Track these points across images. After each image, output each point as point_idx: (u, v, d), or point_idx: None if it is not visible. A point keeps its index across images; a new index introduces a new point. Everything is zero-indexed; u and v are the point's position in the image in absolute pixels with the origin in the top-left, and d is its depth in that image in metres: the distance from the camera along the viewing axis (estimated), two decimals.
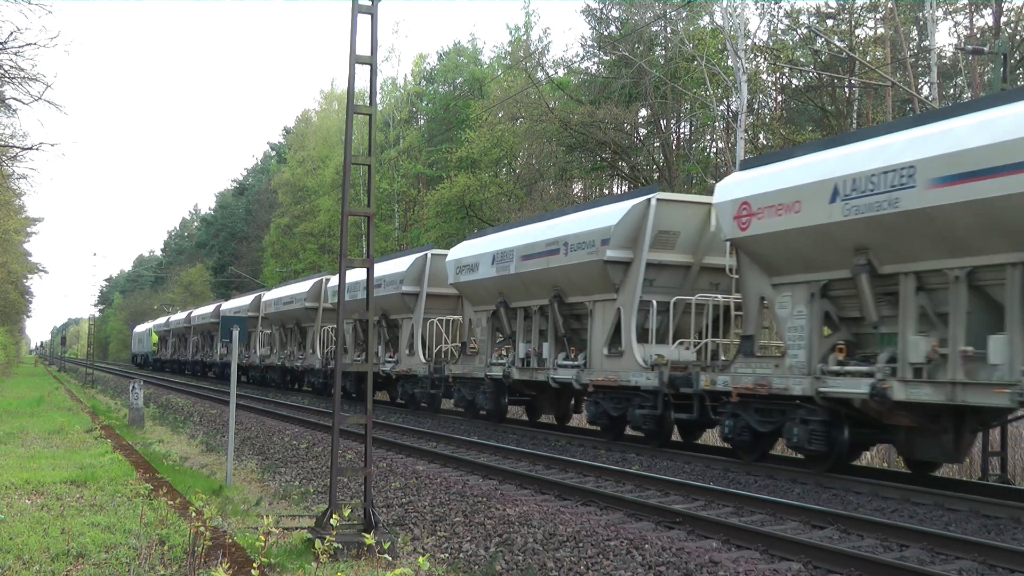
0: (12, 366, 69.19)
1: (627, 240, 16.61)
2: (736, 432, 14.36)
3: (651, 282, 16.65)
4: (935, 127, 11.54)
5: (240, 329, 12.83)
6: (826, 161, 12.80)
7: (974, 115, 11.21)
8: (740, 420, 14.25)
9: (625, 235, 16.58)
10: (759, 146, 36.90)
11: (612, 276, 16.86)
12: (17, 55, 20.55)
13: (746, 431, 14.23)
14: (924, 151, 11.32)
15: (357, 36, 8.67)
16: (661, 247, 16.67)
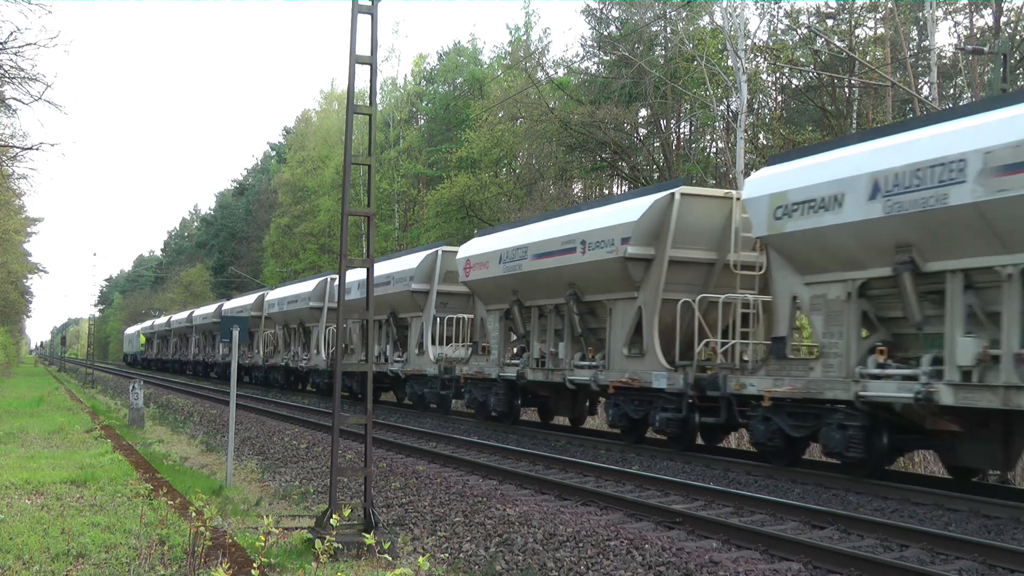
0: (12, 366, 69.20)
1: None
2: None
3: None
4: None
5: (240, 329, 12.83)
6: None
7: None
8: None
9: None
10: (759, 146, 36.92)
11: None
12: (17, 55, 20.59)
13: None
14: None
15: (357, 36, 8.67)
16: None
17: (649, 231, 16.16)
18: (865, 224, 12.09)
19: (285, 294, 38.70)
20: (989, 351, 10.80)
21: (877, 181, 11.90)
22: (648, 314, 16.27)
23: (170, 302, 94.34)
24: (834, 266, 12.89)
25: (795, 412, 13.57)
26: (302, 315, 35.71)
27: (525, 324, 20.16)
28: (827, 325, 12.99)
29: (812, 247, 13.09)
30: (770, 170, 14.46)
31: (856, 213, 12.20)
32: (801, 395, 13.20)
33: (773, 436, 13.89)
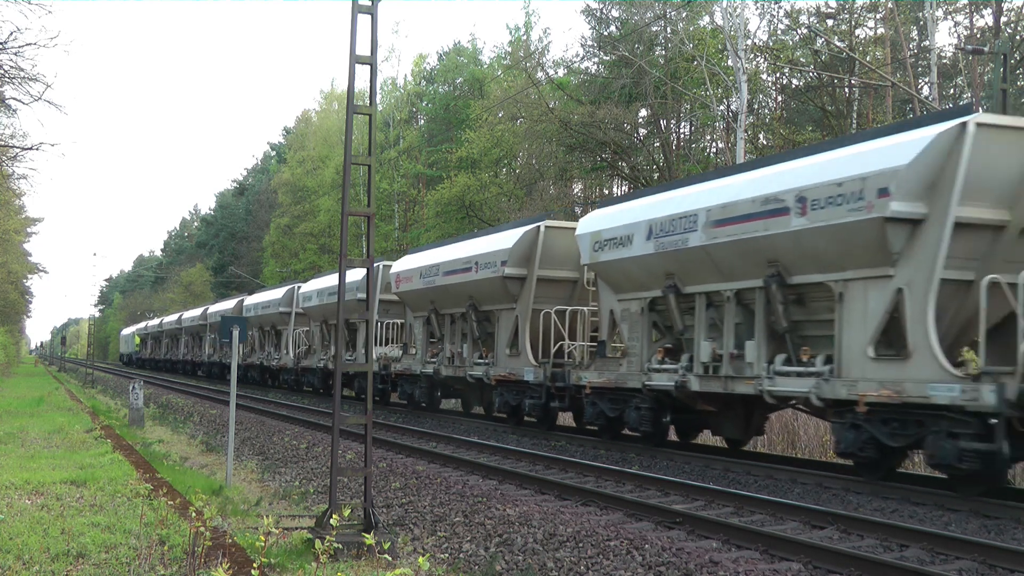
0: (12, 366, 69.21)
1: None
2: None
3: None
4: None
5: (240, 329, 12.83)
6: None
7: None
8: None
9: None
10: (759, 146, 36.93)
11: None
12: (17, 55, 20.60)
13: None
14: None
15: (357, 36, 8.67)
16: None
17: (522, 255, 19.81)
18: (644, 258, 15.74)
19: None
20: (718, 351, 14.39)
21: (651, 226, 15.59)
22: (523, 321, 19.84)
23: (170, 302, 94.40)
24: (632, 287, 16.54)
25: (612, 398, 17.08)
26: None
27: (440, 328, 23.70)
28: (630, 332, 16.70)
29: (618, 273, 16.73)
30: (594, 214, 18.21)
31: (639, 250, 15.85)
32: (613, 385, 16.82)
33: (598, 416, 17.54)
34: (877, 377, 11.85)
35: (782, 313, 13.30)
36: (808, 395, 12.72)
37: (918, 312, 11.45)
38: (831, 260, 12.43)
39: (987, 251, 11.62)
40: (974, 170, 11.18)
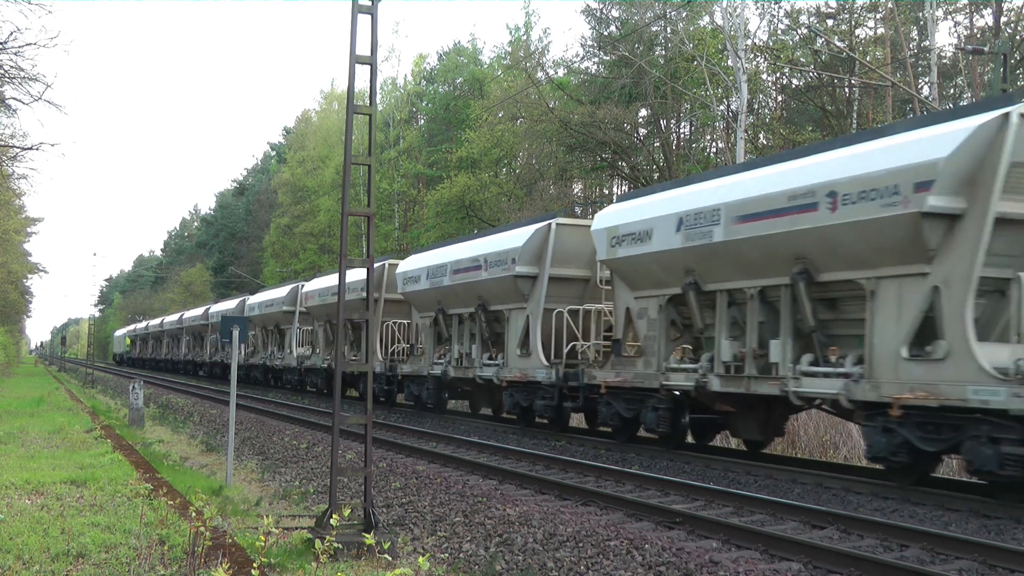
0: (12, 366, 69.19)
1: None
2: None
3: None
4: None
5: (240, 329, 12.84)
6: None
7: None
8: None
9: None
10: (759, 146, 36.93)
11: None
12: (17, 55, 20.61)
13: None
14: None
15: (357, 36, 8.67)
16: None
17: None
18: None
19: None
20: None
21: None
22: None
23: (170, 302, 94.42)
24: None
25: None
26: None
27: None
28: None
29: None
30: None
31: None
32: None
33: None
34: (519, 366, 16.32)
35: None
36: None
37: (534, 329, 16.06)
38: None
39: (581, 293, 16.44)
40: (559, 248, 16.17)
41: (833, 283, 12.64)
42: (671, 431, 15.91)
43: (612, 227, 16.61)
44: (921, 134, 11.53)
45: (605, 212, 17.79)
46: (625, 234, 16.23)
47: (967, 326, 10.72)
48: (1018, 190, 10.71)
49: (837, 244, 12.22)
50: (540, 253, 19.29)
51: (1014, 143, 10.52)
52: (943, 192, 10.82)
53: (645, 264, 15.84)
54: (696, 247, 14.46)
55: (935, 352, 11.08)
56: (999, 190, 10.57)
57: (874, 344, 11.91)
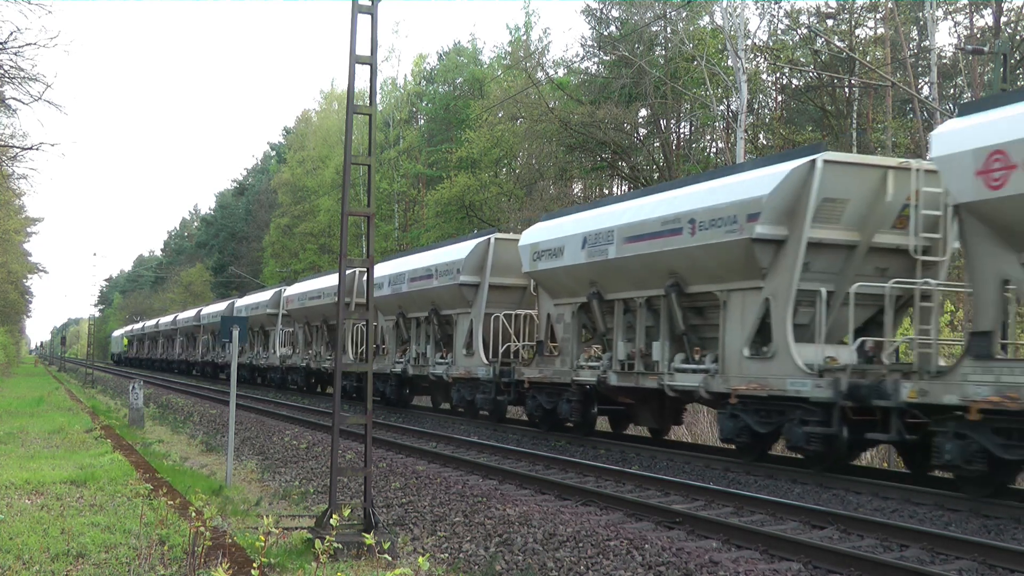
0: (12, 366, 69.22)
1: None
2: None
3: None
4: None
5: (240, 329, 12.85)
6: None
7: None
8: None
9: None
10: (759, 146, 36.93)
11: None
12: (17, 55, 20.59)
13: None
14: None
15: (357, 36, 8.68)
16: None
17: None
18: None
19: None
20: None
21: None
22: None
23: (170, 302, 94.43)
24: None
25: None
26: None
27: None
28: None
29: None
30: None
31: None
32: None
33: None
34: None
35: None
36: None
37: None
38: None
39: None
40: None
41: (698, 294, 15.23)
42: (583, 420, 18.50)
43: (534, 243, 19.18)
44: (754, 174, 14.15)
45: (529, 230, 20.21)
46: (544, 250, 18.77)
47: (787, 331, 13.22)
48: (825, 220, 13.31)
49: (697, 262, 14.81)
50: (481, 264, 21.56)
51: (820, 183, 13.04)
52: (768, 222, 13.38)
53: (559, 276, 18.40)
54: (597, 262, 17.02)
55: (768, 352, 13.64)
56: (810, 220, 13.13)
57: (725, 345, 14.53)
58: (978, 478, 11.13)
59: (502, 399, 20.95)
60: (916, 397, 11.39)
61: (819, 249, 13.39)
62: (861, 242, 13.59)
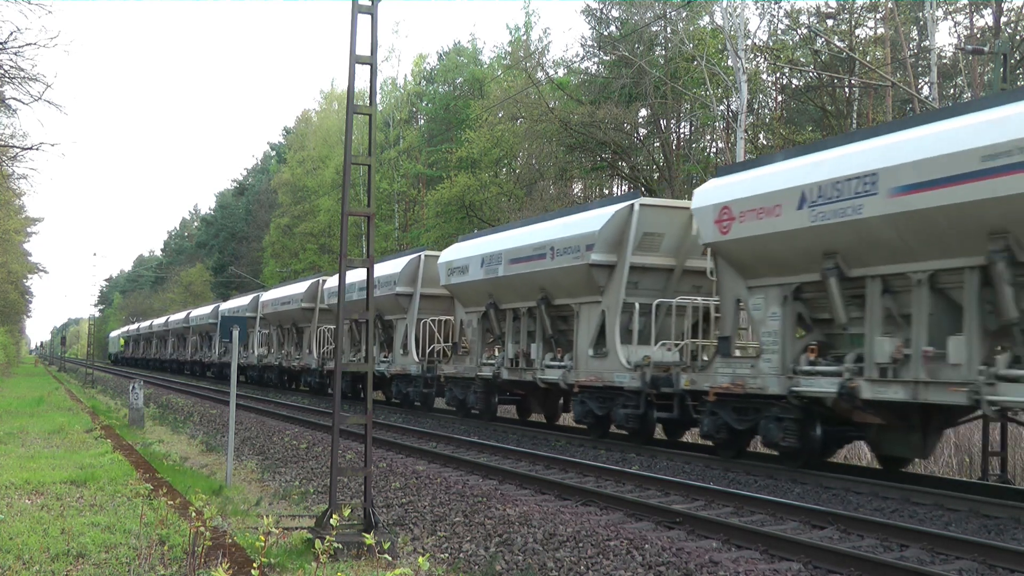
0: (12, 366, 69.22)
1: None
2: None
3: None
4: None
5: (240, 329, 12.84)
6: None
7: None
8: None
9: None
10: (759, 146, 36.92)
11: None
12: (17, 55, 20.58)
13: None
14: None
15: (357, 36, 8.67)
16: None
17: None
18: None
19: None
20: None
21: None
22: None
23: (170, 302, 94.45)
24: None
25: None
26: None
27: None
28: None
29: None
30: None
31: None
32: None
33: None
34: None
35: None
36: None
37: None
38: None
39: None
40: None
41: (561, 306, 18.96)
42: (486, 407, 22.11)
43: (449, 261, 22.85)
44: (592, 213, 18.05)
45: (446, 251, 23.91)
46: (455, 267, 22.36)
47: (615, 335, 17.10)
48: (646, 249, 17.23)
49: (557, 281, 18.50)
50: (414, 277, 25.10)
51: (638, 220, 16.94)
52: (601, 251, 17.17)
53: (466, 289, 21.89)
54: (491, 279, 20.63)
55: (603, 352, 17.42)
56: (631, 249, 16.95)
57: (577, 346, 18.35)
58: (725, 444, 14.99)
59: (428, 391, 25.06)
60: (688, 385, 15.36)
61: (643, 272, 17.22)
62: (677, 266, 17.50)
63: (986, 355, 10.89)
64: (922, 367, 11.36)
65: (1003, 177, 10.03)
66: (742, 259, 14.14)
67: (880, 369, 11.91)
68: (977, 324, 10.92)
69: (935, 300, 11.51)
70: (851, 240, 12.09)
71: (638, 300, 17.03)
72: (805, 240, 12.70)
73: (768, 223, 13.21)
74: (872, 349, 12.03)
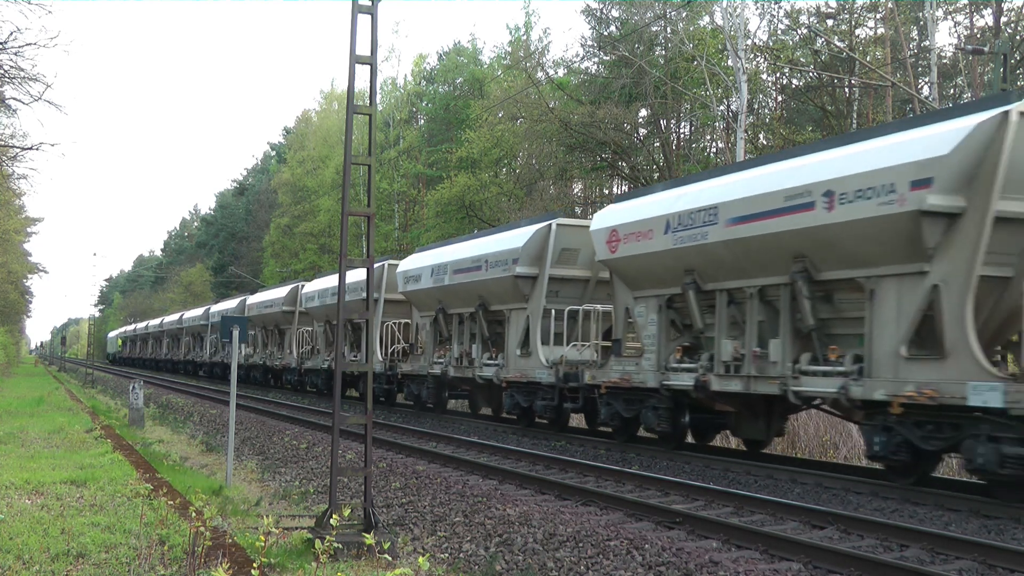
0: (12, 366, 69.22)
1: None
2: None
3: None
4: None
5: (240, 329, 12.84)
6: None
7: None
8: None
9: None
10: (759, 146, 36.92)
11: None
12: (17, 55, 20.59)
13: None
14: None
15: (357, 36, 8.67)
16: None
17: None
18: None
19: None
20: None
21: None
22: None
23: (170, 302, 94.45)
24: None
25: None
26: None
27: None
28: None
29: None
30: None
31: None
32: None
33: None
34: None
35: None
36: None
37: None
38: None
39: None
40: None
41: (495, 311, 21.04)
42: (437, 402, 24.87)
43: (405, 271, 25.19)
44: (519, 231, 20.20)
45: (404, 261, 26.11)
46: (411, 276, 24.77)
47: (537, 337, 19.29)
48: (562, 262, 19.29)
49: (491, 289, 20.65)
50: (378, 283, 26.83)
51: (556, 237, 19.16)
52: (524, 264, 19.40)
53: (420, 295, 24.32)
54: (439, 287, 23.01)
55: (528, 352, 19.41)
56: (551, 262, 19.17)
57: (508, 346, 20.52)
58: (618, 430, 17.46)
59: (390, 388, 27.86)
60: (590, 380, 17.28)
61: (562, 282, 19.47)
62: (592, 277, 19.51)
63: (796, 354, 13.11)
64: (752, 364, 13.65)
65: (799, 213, 12.53)
66: (628, 274, 16.55)
67: (725, 366, 14.23)
68: (789, 329, 13.21)
69: (764, 310, 13.82)
70: (702, 260, 14.56)
71: (556, 307, 19.33)
72: (670, 259, 15.17)
73: (644, 244, 15.71)
74: (720, 349, 14.31)
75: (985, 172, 10.65)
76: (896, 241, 11.35)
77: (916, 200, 10.89)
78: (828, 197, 11.98)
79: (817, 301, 12.79)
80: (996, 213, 10.62)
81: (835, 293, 12.66)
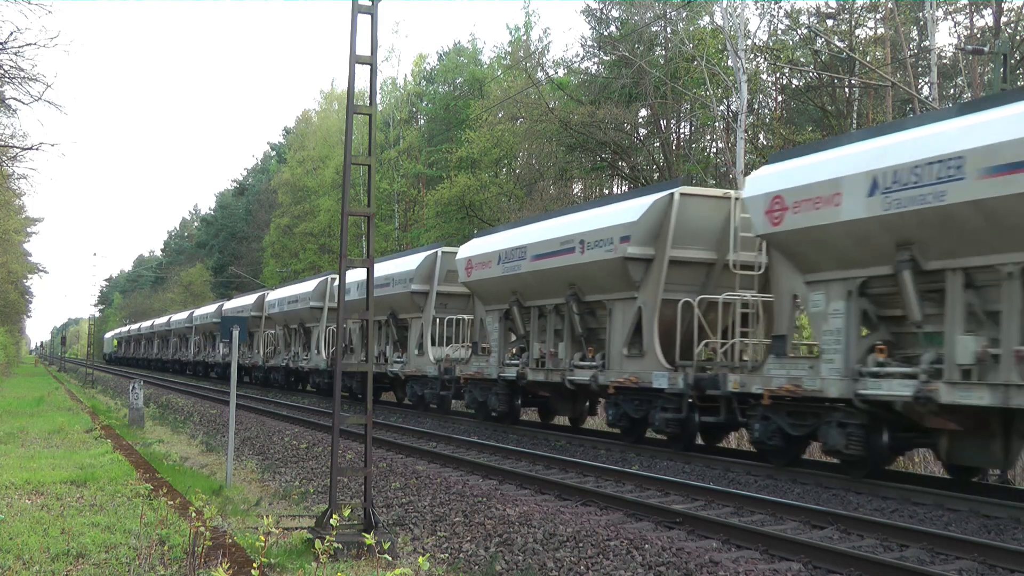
0: (12, 366, 69.22)
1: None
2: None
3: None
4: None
5: (240, 329, 12.83)
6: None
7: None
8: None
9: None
10: (759, 146, 36.93)
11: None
12: (17, 55, 20.58)
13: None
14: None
15: (357, 36, 8.67)
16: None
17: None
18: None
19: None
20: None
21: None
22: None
23: (170, 302, 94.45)
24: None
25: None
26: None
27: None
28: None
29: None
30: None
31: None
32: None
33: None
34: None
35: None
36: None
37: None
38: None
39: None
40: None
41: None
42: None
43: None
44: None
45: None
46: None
47: (427, 339, 24.06)
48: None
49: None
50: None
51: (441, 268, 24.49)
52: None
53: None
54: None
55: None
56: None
57: (408, 347, 25.03)
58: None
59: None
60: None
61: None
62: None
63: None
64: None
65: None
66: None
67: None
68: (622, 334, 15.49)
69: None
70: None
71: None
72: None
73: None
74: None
75: (663, 231, 15.89)
76: (617, 276, 16.50)
77: (623, 250, 16.14)
78: (582, 244, 17.25)
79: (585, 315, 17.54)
80: (670, 257, 15.82)
81: (596, 310, 17.62)
